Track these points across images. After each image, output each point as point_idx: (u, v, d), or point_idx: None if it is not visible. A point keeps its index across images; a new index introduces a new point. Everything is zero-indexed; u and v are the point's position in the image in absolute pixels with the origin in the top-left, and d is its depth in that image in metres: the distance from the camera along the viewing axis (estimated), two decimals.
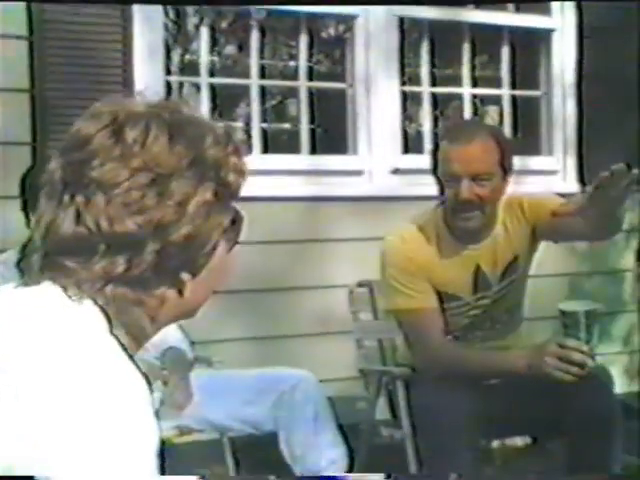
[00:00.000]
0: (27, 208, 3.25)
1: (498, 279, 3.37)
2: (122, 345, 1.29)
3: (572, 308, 3.09)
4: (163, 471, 1.25)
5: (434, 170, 3.29)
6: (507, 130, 5.33)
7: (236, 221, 1.40)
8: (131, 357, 1.28)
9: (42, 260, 1.31)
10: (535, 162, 5.35)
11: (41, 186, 1.34)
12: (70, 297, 1.29)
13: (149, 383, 1.26)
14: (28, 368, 1.21)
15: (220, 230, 1.36)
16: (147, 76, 4.40)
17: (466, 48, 5.32)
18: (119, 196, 1.28)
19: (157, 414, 1.26)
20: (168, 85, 4.65)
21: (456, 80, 5.41)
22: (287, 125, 5.51)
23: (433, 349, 3.26)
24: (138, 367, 1.27)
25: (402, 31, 5.07)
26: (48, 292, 1.30)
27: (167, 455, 3.57)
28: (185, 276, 1.34)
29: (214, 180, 1.34)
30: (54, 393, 1.19)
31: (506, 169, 3.25)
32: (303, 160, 4.95)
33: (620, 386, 3.32)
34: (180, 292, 1.35)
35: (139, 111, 1.33)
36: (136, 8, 4.43)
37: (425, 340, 3.28)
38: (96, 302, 1.29)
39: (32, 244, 1.33)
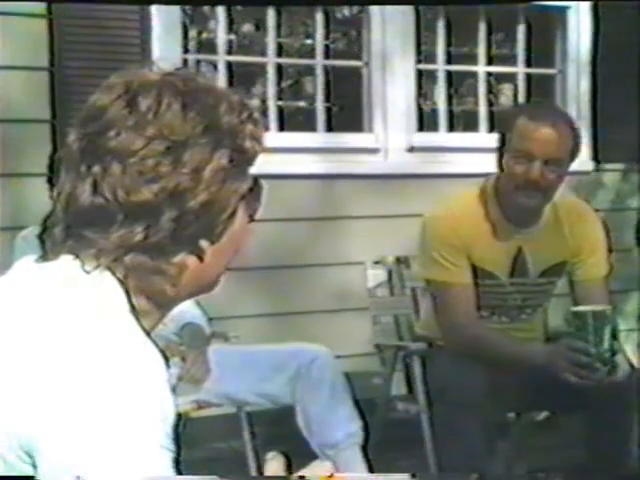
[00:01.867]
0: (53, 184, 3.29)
1: (539, 272, 3.37)
2: (142, 317, 1.32)
3: (581, 309, 3.10)
4: (180, 445, 1.26)
5: (502, 142, 3.25)
6: None
7: (254, 189, 1.40)
8: (148, 333, 1.30)
9: (64, 232, 1.33)
10: None
11: (60, 159, 1.36)
12: (88, 271, 1.30)
13: (166, 359, 1.28)
14: (45, 342, 1.23)
15: (237, 197, 1.36)
16: (164, 54, 4.42)
17: (481, 26, 5.33)
18: (135, 165, 1.29)
19: (175, 389, 1.27)
20: (185, 63, 4.67)
21: (471, 58, 5.42)
22: (303, 103, 5.51)
23: (459, 325, 3.27)
24: (155, 343, 1.28)
25: (417, 9, 5.08)
26: (66, 267, 1.32)
27: (185, 428, 3.62)
28: (204, 243, 1.34)
29: (229, 147, 1.33)
30: (69, 369, 1.21)
31: (572, 159, 3.26)
32: (319, 138, 4.98)
33: (633, 363, 3.34)
34: (200, 259, 1.35)
35: (152, 80, 1.34)
36: None
37: (453, 315, 3.29)
38: (114, 274, 1.31)
39: (54, 216, 1.34)
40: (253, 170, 1.40)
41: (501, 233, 3.31)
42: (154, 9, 4.47)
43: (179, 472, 1.24)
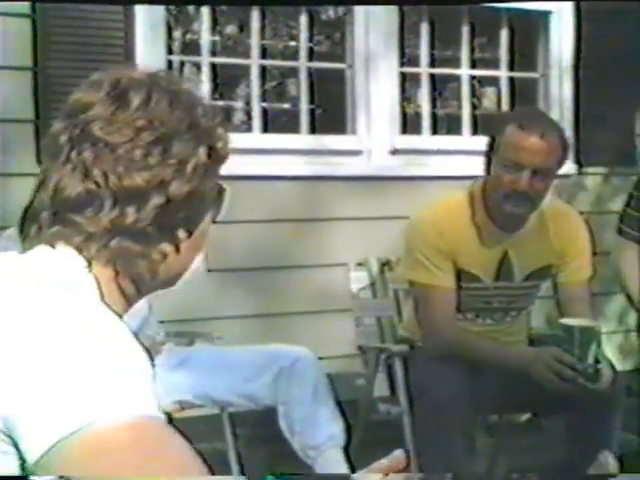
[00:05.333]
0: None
1: (524, 276, 3.39)
2: (119, 301, 1.37)
3: (570, 323, 3.12)
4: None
5: (490, 147, 3.26)
6: None
7: (221, 193, 1.47)
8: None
9: (50, 218, 1.36)
10: None
11: (44, 149, 1.40)
12: (70, 264, 1.34)
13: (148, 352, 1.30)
14: (21, 328, 1.24)
15: (212, 193, 1.45)
16: (149, 55, 4.43)
17: (465, 30, 5.34)
18: (126, 153, 1.35)
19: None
20: (169, 64, 4.67)
21: (455, 62, 5.44)
22: (287, 105, 5.54)
23: (439, 328, 3.29)
24: (136, 336, 1.30)
25: (402, 12, 5.10)
26: (43, 258, 1.35)
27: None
28: (182, 233, 1.41)
29: (207, 145, 1.41)
30: (46, 349, 1.21)
31: (560, 167, 3.28)
32: (302, 140, 4.98)
33: (615, 365, 3.36)
34: (177, 249, 1.41)
35: (140, 77, 1.41)
36: None
37: (434, 318, 3.31)
38: (99, 260, 1.35)
39: (39, 205, 1.38)
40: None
41: (487, 237, 3.33)
42: (138, 10, 4.46)
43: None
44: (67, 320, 1.24)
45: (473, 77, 5.54)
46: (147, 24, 4.51)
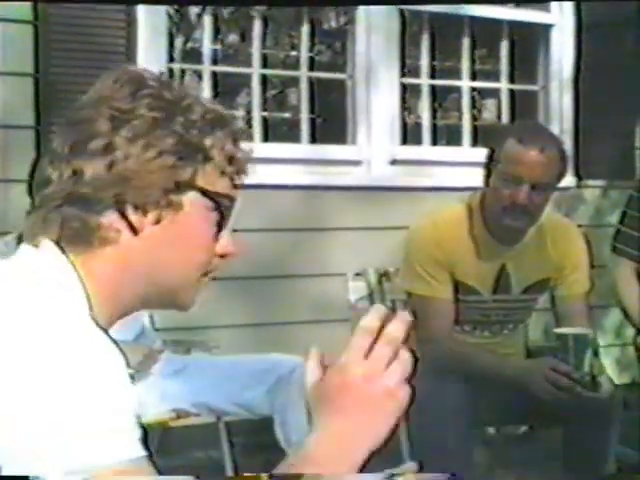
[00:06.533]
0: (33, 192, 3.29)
1: (522, 289, 3.38)
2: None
3: (563, 332, 3.11)
4: (151, 453, 1.27)
5: (489, 159, 3.25)
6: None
7: (226, 203, 1.43)
8: (106, 330, 1.32)
9: (36, 215, 1.39)
10: None
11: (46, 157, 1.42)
12: (46, 257, 1.34)
13: (126, 359, 1.30)
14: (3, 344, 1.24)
15: (170, 180, 1.38)
16: (150, 63, 4.42)
17: (466, 41, 5.36)
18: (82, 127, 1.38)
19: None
20: (170, 72, 4.68)
21: (455, 73, 5.45)
22: (287, 114, 5.54)
23: (436, 340, 3.27)
24: (116, 342, 1.30)
25: (403, 23, 5.11)
26: (25, 261, 1.36)
27: (164, 438, 3.61)
28: (132, 211, 1.37)
29: (179, 132, 1.39)
30: (25, 368, 1.22)
31: (559, 181, 3.26)
32: (303, 149, 4.99)
33: (613, 379, 3.36)
34: (133, 229, 1.37)
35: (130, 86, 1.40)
36: None
37: (431, 329, 3.29)
38: (71, 262, 1.35)
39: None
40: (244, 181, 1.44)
41: (485, 249, 3.33)
42: (140, 17, 4.47)
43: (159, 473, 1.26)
44: (49, 351, 1.23)
45: (473, 89, 5.55)
46: (149, 32, 4.52)
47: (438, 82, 5.47)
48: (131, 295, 1.41)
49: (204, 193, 1.40)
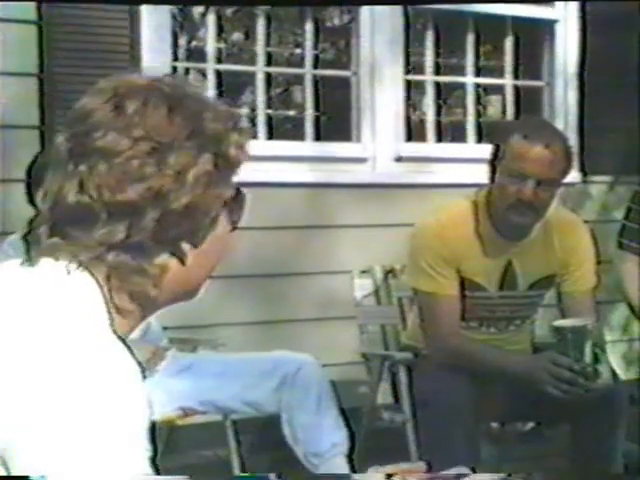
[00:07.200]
0: (31, 191, 3.28)
1: (528, 285, 3.39)
2: (124, 316, 1.34)
3: (561, 324, 3.11)
4: (163, 452, 1.29)
5: (494, 155, 3.26)
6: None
7: (238, 198, 1.42)
8: (123, 339, 1.31)
9: (49, 230, 1.34)
10: None
11: (49, 160, 1.38)
12: (69, 273, 1.32)
13: (140, 364, 1.29)
14: (21, 348, 1.24)
15: (220, 202, 1.38)
16: (154, 62, 4.43)
17: (470, 38, 5.35)
18: (120, 165, 1.31)
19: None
20: (175, 71, 4.68)
21: (460, 69, 5.44)
22: (292, 112, 5.54)
23: (443, 336, 3.29)
24: (129, 346, 1.29)
25: (407, 20, 5.10)
26: (46, 272, 1.33)
27: (171, 436, 3.61)
28: (186, 246, 1.36)
29: (214, 153, 1.36)
30: (42, 374, 1.22)
31: (565, 177, 3.27)
32: (307, 147, 4.99)
33: (619, 374, 3.36)
34: (182, 261, 1.37)
35: (139, 84, 1.37)
36: None
37: (437, 326, 3.31)
38: (94, 274, 1.32)
39: (40, 217, 1.36)
40: (239, 178, 1.42)
41: (491, 246, 3.32)
42: (144, 17, 4.47)
43: (157, 472, 1.25)
44: (70, 364, 1.23)
45: (478, 85, 5.54)
46: (152, 30, 4.52)
47: (442, 79, 5.46)
48: (155, 307, 1.41)
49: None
